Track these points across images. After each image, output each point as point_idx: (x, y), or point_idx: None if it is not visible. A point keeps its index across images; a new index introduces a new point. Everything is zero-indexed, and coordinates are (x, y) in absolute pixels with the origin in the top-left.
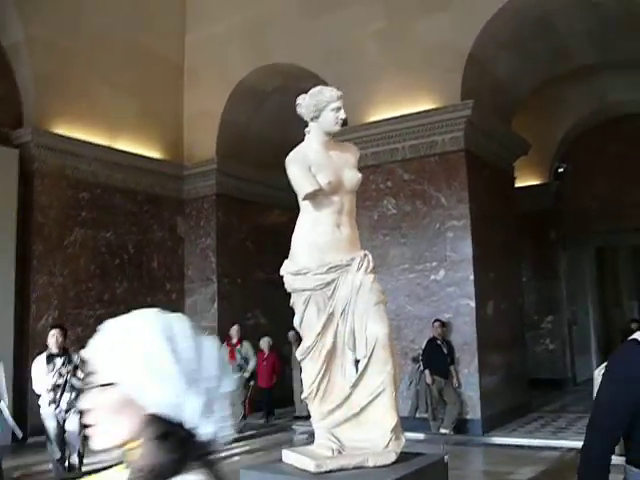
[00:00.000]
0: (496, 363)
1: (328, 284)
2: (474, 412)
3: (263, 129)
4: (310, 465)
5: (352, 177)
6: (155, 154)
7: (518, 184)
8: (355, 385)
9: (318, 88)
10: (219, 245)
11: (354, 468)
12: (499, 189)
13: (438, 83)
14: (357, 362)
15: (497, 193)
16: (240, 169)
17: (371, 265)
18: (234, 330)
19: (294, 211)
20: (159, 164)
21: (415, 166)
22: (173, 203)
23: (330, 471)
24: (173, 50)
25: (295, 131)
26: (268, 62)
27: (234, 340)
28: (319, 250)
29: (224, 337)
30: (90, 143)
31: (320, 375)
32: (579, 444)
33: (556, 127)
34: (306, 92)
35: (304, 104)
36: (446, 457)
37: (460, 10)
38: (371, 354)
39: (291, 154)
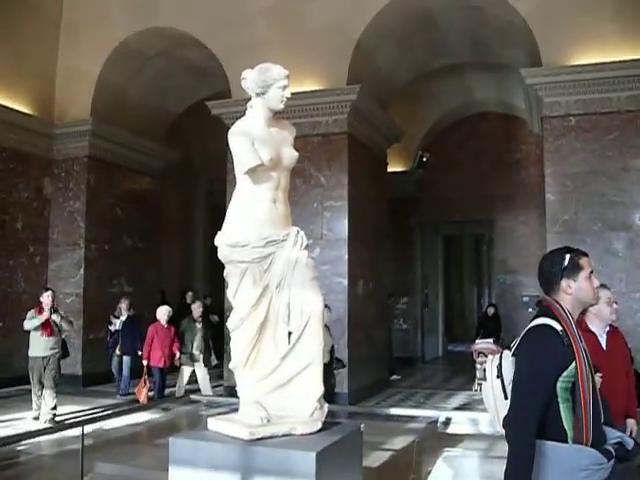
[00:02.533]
0: (362, 340)
1: (265, 257)
2: (341, 386)
3: (140, 94)
4: (243, 433)
5: (290, 155)
6: (25, 109)
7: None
8: (285, 356)
9: (267, 65)
10: (88, 209)
11: (283, 435)
12: (375, 173)
13: (326, 65)
14: (289, 334)
15: (373, 177)
16: (114, 132)
17: (305, 241)
18: (47, 297)
19: (162, 180)
20: (28, 120)
21: (297, 144)
22: (41, 162)
23: (262, 438)
24: (51, 1)
25: (172, 99)
26: (153, 25)
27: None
28: (257, 224)
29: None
30: None
31: (251, 346)
32: (439, 415)
33: (424, 118)
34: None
35: (251, 78)
36: (362, 426)
37: None
38: (304, 327)
39: (235, 127)
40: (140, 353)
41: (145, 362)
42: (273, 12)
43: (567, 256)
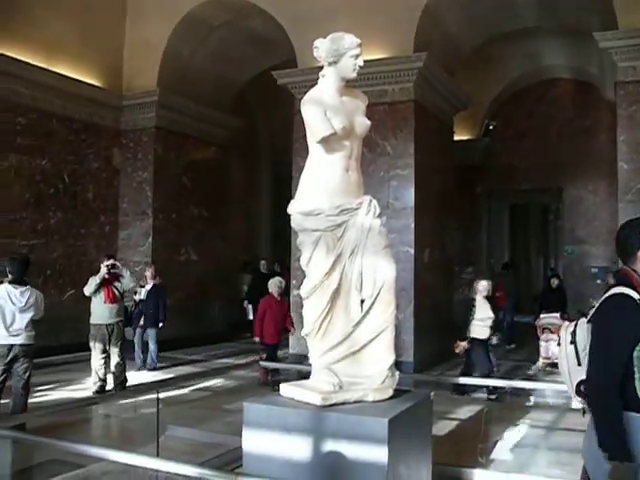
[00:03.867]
0: (428, 309)
1: (339, 226)
2: (407, 354)
3: (205, 64)
4: (316, 398)
5: (363, 123)
6: (94, 81)
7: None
8: (358, 324)
9: (339, 34)
10: (156, 179)
11: (355, 402)
12: (441, 141)
13: (392, 32)
14: (362, 302)
15: (439, 145)
16: (180, 103)
17: (378, 210)
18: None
19: (228, 149)
20: (98, 92)
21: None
22: (110, 133)
23: (334, 404)
24: None
25: (236, 69)
26: None
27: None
28: (330, 192)
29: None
30: (28, 64)
31: (324, 313)
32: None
33: (491, 85)
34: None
35: (323, 47)
36: (432, 394)
37: None
38: (377, 295)
39: (307, 96)
40: (161, 325)
41: (257, 339)
42: None
43: None
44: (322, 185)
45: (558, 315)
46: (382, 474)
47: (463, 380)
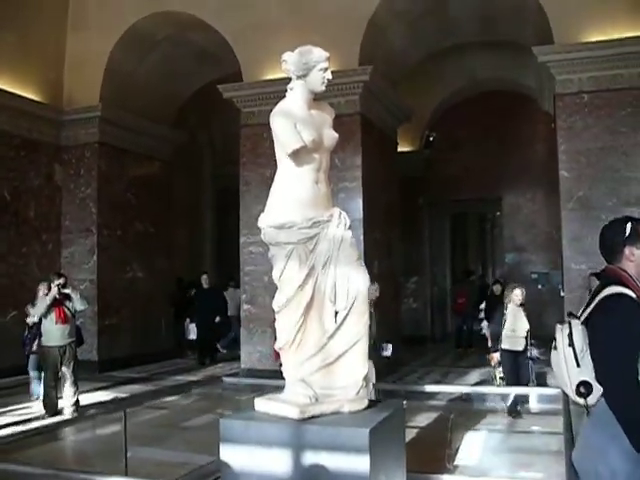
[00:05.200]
0: (378, 320)
1: (311, 238)
2: None
3: (149, 78)
4: (293, 412)
5: (331, 136)
6: (34, 96)
7: None
8: (332, 335)
9: (307, 47)
10: (100, 195)
11: (331, 413)
12: (386, 153)
13: (337, 46)
14: (335, 314)
15: (385, 157)
16: (123, 118)
17: (348, 222)
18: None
19: (171, 164)
20: (37, 107)
21: None
22: (51, 149)
23: (312, 417)
24: None
25: (179, 83)
26: (161, 9)
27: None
28: (302, 205)
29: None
30: None
31: (298, 326)
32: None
33: (431, 98)
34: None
35: (292, 61)
36: (404, 403)
37: None
38: (351, 306)
39: (277, 109)
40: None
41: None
42: None
43: (629, 225)
44: (293, 198)
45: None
46: None
47: (430, 388)
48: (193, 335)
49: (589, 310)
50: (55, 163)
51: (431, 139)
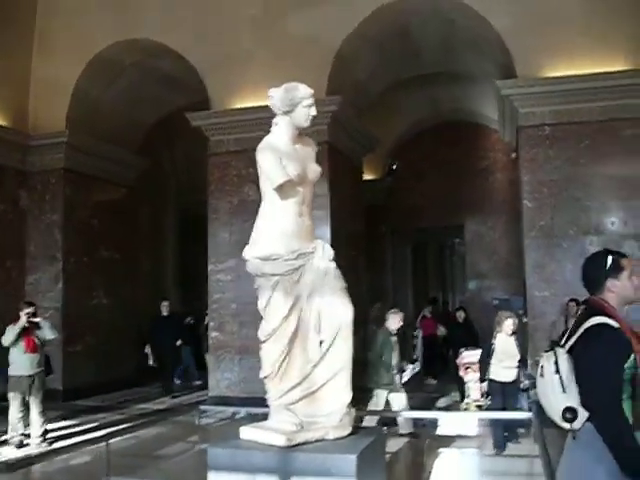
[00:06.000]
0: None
1: (296, 269)
2: None
3: (115, 104)
4: (280, 439)
5: (315, 170)
6: None
7: None
8: (316, 364)
9: (293, 84)
10: (65, 221)
11: (316, 441)
12: (352, 182)
13: (306, 76)
14: (320, 343)
15: (351, 186)
16: (89, 144)
17: (332, 253)
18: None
19: (136, 190)
20: (2, 131)
21: None
22: (16, 174)
23: (298, 444)
24: (25, 10)
25: (146, 109)
26: (130, 36)
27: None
28: (286, 237)
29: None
30: None
31: (283, 355)
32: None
33: (393, 127)
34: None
35: (277, 97)
36: (385, 429)
37: (333, 8)
38: (336, 335)
39: (263, 143)
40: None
41: None
42: (254, 24)
43: (609, 257)
44: (278, 230)
45: (479, 352)
46: None
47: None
48: (151, 362)
49: (574, 339)
50: (20, 189)
51: (394, 167)
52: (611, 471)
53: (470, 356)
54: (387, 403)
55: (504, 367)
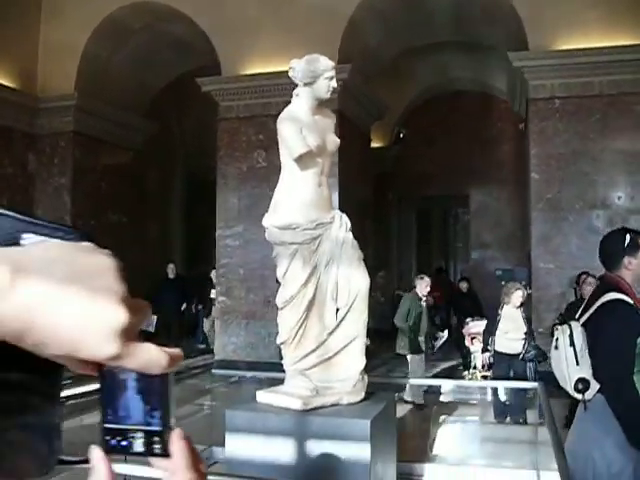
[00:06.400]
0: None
1: (314, 239)
2: None
3: (124, 68)
4: (296, 403)
5: (333, 141)
6: (6, 82)
7: None
8: (332, 332)
9: (315, 56)
10: (74, 185)
11: (331, 405)
12: (361, 150)
13: (316, 44)
14: (336, 311)
15: (360, 153)
16: (98, 107)
17: (349, 224)
18: None
19: (144, 154)
20: (10, 94)
21: None
22: (25, 137)
23: (314, 408)
24: None
25: (155, 73)
26: None
27: None
28: (305, 207)
29: None
30: None
31: (300, 322)
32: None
33: (402, 95)
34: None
35: (299, 69)
36: (396, 395)
37: None
38: (352, 304)
39: (284, 114)
40: None
41: None
42: None
43: (628, 236)
44: (298, 200)
45: (485, 322)
46: (365, 471)
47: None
48: (151, 328)
49: (589, 313)
50: (29, 152)
51: (401, 135)
52: (619, 443)
53: (476, 326)
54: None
55: (509, 339)
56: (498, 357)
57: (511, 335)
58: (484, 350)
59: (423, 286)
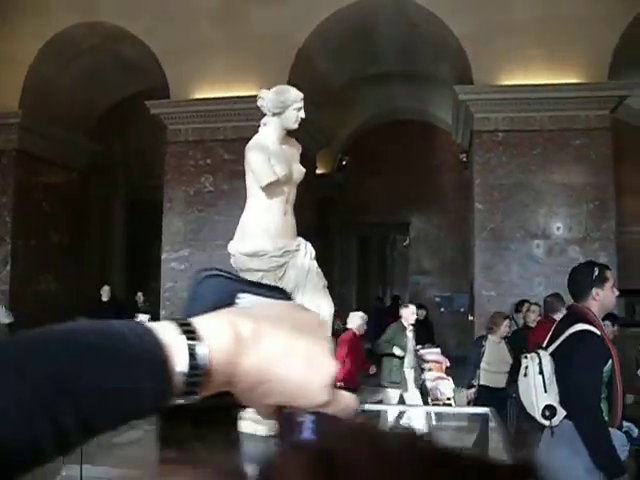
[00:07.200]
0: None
1: (280, 266)
2: None
3: (71, 87)
4: (262, 429)
5: (299, 170)
6: None
7: None
8: None
9: (285, 87)
10: (15, 204)
11: None
12: (307, 177)
13: (267, 70)
14: None
15: (305, 180)
16: (42, 125)
17: (313, 252)
18: None
19: (90, 175)
20: None
21: (237, 147)
22: None
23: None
24: None
25: (101, 93)
26: (92, 18)
27: None
28: (271, 235)
29: None
30: None
31: None
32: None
33: (346, 123)
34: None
35: (268, 98)
36: None
37: (297, 4)
38: None
39: (252, 142)
40: None
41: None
42: (217, 14)
43: (596, 268)
44: (265, 228)
45: (439, 350)
46: None
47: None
48: None
49: (557, 343)
50: None
51: (344, 163)
52: (588, 467)
53: (431, 354)
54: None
55: (494, 372)
56: (484, 391)
57: (495, 368)
58: (469, 386)
59: (409, 314)
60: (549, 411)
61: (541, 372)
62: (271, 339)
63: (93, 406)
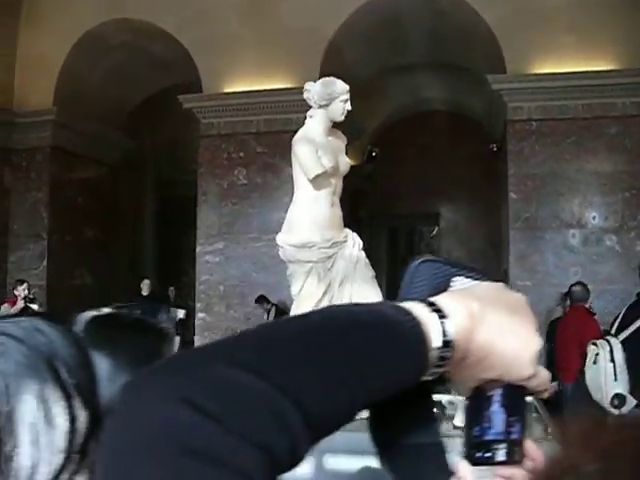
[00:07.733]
0: None
1: (329, 257)
2: None
3: (102, 83)
4: None
5: (345, 162)
6: None
7: None
8: None
9: (331, 79)
10: (51, 200)
11: None
12: None
13: (297, 63)
14: None
15: None
16: (76, 122)
17: (361, 243)
18: (22, 289)
19: (121, 170)
20: None
21: (269, 140)
22: (1, 152)
23: None
24: None
25: (132, 89)
26: (121, 15)
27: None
28: (319, 226)
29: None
30: None
31: None
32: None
33: (375, 114)
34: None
35: (314, 91)
36: None
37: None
38: None
39: (300, 135)
40: None
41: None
42: (246, 8)
43: None
44: (312, 219)
45: None
46: None
47: None
48: None
49: (629, 332)
50: (4, 166)
51: (374, 154)
52: None
53: None
54: None
55: None
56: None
57: None
58: None
59: None
60: (618, 400)
61: (612, 360)
62: (493, 317)
63: (376, 379)
